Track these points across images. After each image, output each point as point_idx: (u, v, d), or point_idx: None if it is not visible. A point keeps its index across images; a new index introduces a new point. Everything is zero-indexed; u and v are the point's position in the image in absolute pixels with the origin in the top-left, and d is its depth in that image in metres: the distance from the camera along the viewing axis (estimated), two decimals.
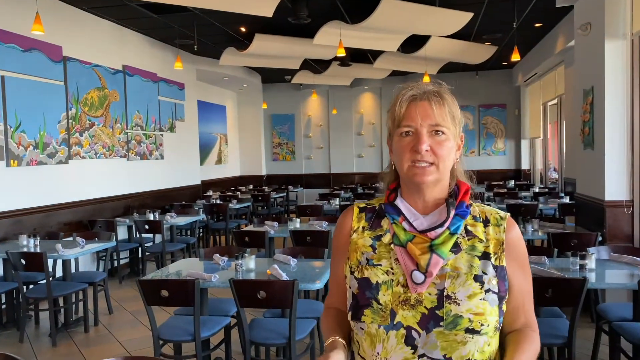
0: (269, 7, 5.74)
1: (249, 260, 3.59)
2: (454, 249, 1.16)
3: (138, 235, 6.56)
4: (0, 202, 5.32)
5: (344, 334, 1.26)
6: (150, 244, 7.04)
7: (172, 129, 8.95)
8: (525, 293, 1.22)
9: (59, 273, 5.36)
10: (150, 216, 6.72)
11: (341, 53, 6.62)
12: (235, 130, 13.42)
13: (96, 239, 5.22)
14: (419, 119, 1.15)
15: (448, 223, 1.17)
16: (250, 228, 5.71)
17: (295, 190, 12.54)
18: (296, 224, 5.64)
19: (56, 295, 4.45)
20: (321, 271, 3.52)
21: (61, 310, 4.85)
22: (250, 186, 12.42)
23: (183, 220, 6.82)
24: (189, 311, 3.34)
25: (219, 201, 8.84)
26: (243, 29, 7.94)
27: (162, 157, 8.57)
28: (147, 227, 6.31)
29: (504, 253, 1.18)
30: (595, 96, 4.93)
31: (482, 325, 1.11)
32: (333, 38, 6.94)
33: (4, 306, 4.91)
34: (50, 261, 4.78)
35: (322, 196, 9.28)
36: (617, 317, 3.32)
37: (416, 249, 1.15)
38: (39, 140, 5.80)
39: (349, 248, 1.28)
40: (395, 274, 1.17)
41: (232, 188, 11.92)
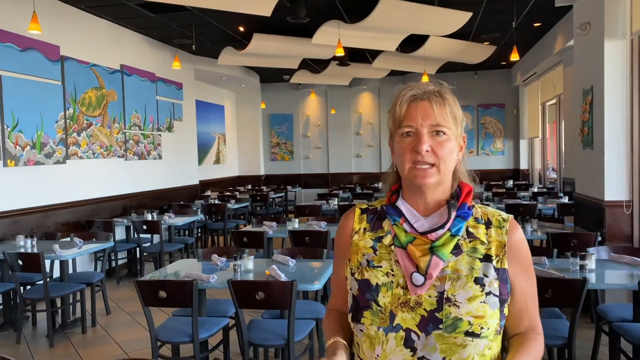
0: (268, 7, 5.72)
1: (247, 261, 3.58)
2: (455, 250, 1.15)
3: (136, 236, 6.54)
4: None
5: (345, 335, 1.25)
6: (148, 244, 7.01)
7: (170, 129, 8.92)
8: (528, 296, 1.19)
9: (56, 274, 5.33)
10: (148, 216, 6.70)
11: (340, 53, 6.60)
12: (234, 130, 13.40)
13: (94, 239, 5.20)
14: (419, 119, 1.14)
15: (449, 225, 1.15)
16: (249, 228, 5.69)
17: (294, 190, 12.52)
18: (295, 224, 5.61)
19: (53, 296, 4.43)
20: (320, 272, 3.50)
21: (58, 311, 4.82)
22: (249, 186, 12.40)
23: (181, 220, 6.80)
24: (187, 312, 3.32)
25: (217, 201, 8.83)
26: (241, 29, 7.92)
27: (160, 157, 8.55)
28: (145, 228, 6.28)
29: (506, 255, 1.16)
30: (595, 96, 4.92)
31: (482, 328, 1.09)
32: (332, 37, 6.92)
33: (0, 307, 4.89)
34: (47, 262, 4.77)
35: (321, 196, 9.26)
36: (617, 318, 3.31)
37: (416, 251, 1.14)
38: (36, 140, 5.77)
39: (350, 249, 1.27)
40: (395, 275, 1.16)
41: (231, 188, 11.90)
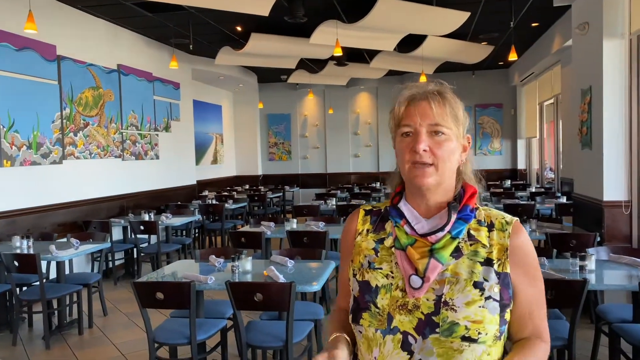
0: (265, 6, 5.70)
1: (245, 262, 3.55)
2: (455, 253, 1.13)
3: (133, 236, 6.51)
4: None
5: (349, 334, 1.24)
6: (146, 244, 6.97)
7: (168, 129, 8.89)
8: (533, 301, 1.16)
9: (52, 274, 5.29)
10: (146, 217, 6.66)
11: (338, 52, 6.58)
12: (231, 130, 13.37)
13: (90, 240, 5.17)
14: (418, 118, 1.13)
15: (449, 227, 1.13)
16: (247, 229, 5.66)
17: (292, 190, 12.51)
18: (293, 224, 5.58)
19: (50, 297, 4.40)
20: (318, 273, 3.48)
21: (55, 312, 4.79)
22: (246, 186, 12.36)
23: (178, 220, 6.78)
24: (185, 313, 3.30)
25: (214, 201, 8.79)
26: (239, 28, 7.89)
27: (158, 157, 8.51)
28: (143, 228, 6.25)
29: (508, 259, 1.13)
30: (594, 96, 4.91)
31: (480, 333, 1.07)
32: (329, 37, 6.90)
33: None
34: (43, 263, 4.72)
35: (319, 196, 9.24)
36: (617, 319, 3.30)
37: (415, 253, 1.12)
38: (33, 140, 5.74)
39: (353, 250, 1.27)
40: (394, 277, 1.15)
41: (228, 188, 11.86)
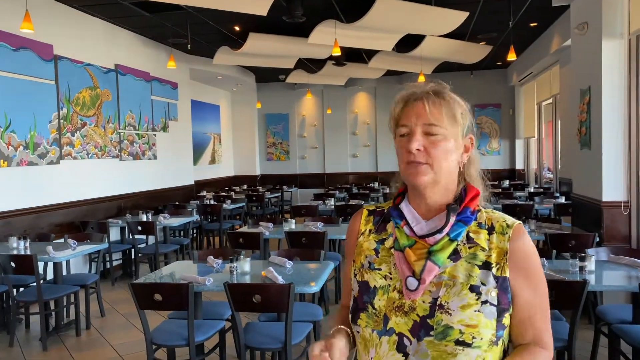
0: (264, 6, 5.68)
1: (243, 263, 3.53)
2: (453, 256, 1.11)
3: (131, 237, 6.47)
4: None
5: (350, 329, 1.24)
6: (143, 245, 6.95)
7: (165, 129, 8.86)
8: (534, 307, 1.12)
9: (50, 275, 5.26)
10: (143, 217, 6.64)
11: (337, 52, 6.56)
12: (229, 130, 13.34)
13: (88, 240, 5.14)
14: (413, 118, 1.13)
15: (447, 229, 1.12)
16: (245, 229, 5.64)
17: (290, 190, 12.49)
18: (291, 224, 5.56)
19: (47, 299, 4.37)
20: (317, 274, 3.46)
21: (52, 313, 4.76)
22: (244, 186, 12.35)
23: (176, 221, 6.75)
24: (183, 315, 3.28)
25: (212, 201, 8.77)
26: (237, 28, 7.87)
27: (155, 157, 8.48)
28: (140, 228, 6.22)
29: (508, 263, 1.10)
30: (593, 96, 4.90)
31: (474, 338, 1.05)
32: (328, 37, 6.88)
33: None
34: (40, 263, 4.71)
35: (317, 196, 9.23)
36: (617, 320, 3.30)
37: (412, 255, 1.12)
38: (30, 140, 5.71)
39: (355, 250, 1.27)
40: (392, 279, 1.14)
41: (226, 188, 11.84)
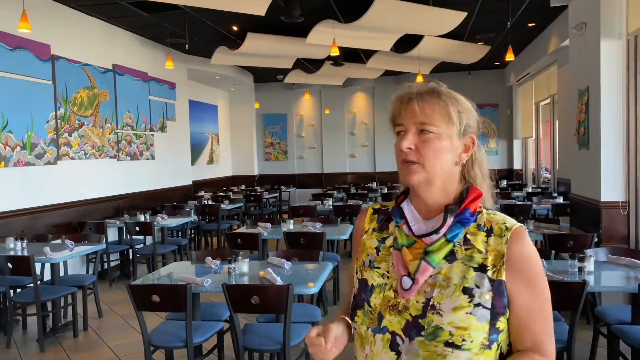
0: (262, 6, 5.67)
1: (242, 264, 3.52)
2: (449, 257, 1.11)
3: (128, 237, 6.46)
4: None
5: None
6: (141, 245, 6.93)
7: (163, 129, 8.84)
8: (532, 313, 1.10)
9: (47, 276, 5.25)
10: (141, 217, 6.61)
11: (335, 52, 6.55)
12: (227, 130, 13.32)
13: (85, 241, 5.12)
14: (407, 117, 1.14)
15: (444, 230, 1.11)
16: (243, 230, 5.63)
17: (288, 190, 12.47)
18: (289, 225, 5.55)
19: (44, 300, 4.35)
20: (316, 274, 3.45)
21: (49, 314, 4.74)
22: (242, 186, 12.33)
23: (174, 221, 6.73)
24: (181, 316, 3.27)
25: (210, 202, 8.75)
26: (235, 28, 7.86)
27: (153, 158, 8.46)
28: (138, 229, 6.21)
29: (505, 267, 1.08)
30: (591, 96, 4.90)
31: (465, 340, 1.04)
32: (326, 37, 6.87)
33: None
34: (38, 264, 4.69)
35: (315, 196, 9.21)
36: (616, 320, 3.29)
37: (408, 254, 1.12)
38: (27, 140, 5.68)
39: (359, 248, 1.28)
40: (390, 278, 1.15)
41: (224, 188, 11.82)
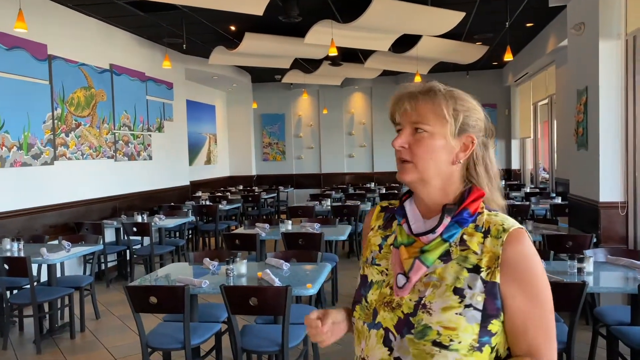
0: (260, 6, 5.65)
1: (240, 265, 3.50)
2: (444, 257, 1.10)
3: (126, 238, 6.43)
4: None
5: None
6: (139, 246, 6.90)
7: (161, 129, 8.81)
8: (527, 318, 1.05)
9: (44, 277, 5.21)
10: (139, 218, 6.59)
11: (333, 52, 6.54)
12: (225, 130, 13.30)
13: (82, 242, 5.09)
14: (402, 116, 1.15)
15: (440, 229, 1.10)
16: (241, 230, 5.61)
17: (286, 190, 12.45)
18: (288, 226, 5.52)
19: (41, 301, 4.32)
20: (314, 275, 3.43)
21: (46, 316, 4.72)
22: (240, 187, 12.30)
23: (172, 222, 6.71)
24: (179, 317, 3.24)
25: (208, 202, 8.73)
26: (233, 28, 7.83)
27: (151, 158, 8.43)
28: (135, 230, 6.18)
29: (499, 269, 1.05)
30: (590, 97, 4.90)
31: (452, 340, 1.03)
32: (324, 37, 6.85)
33: None
34: (34, 265, 4.65)
35: (313, 197, 9.20)
36: (615, 321, 3.28)
37: (405, 253, 1.13)
38: (23, 141, 5.65)
39: (366, 245, 1.30)
40: (388, 275, 1.16)
41: (222, 189, 11.80)
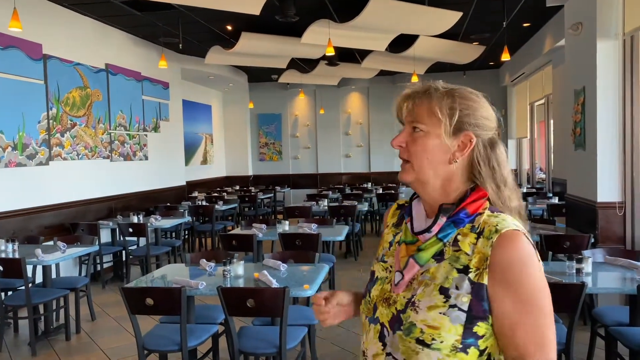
0: (256, 5, 5.62)
1: (237, 266, 3.47)
2: (438, 257, 1.10)
3: (122, 239, 6.38)
4: None
5: None
6: (135, 247, 6.85)
7: (157, 129, 8.77)
8: (514, 322, 1.02)
9: (39, 279, 5.17)
10: (135, 218, 6.54)
11: (330, 52, 6.52)
12: (221, 130, 13.26)
13: (78, 243, 5.05)
14: (401, 117, 1.18)
15: (436, 229, 1.11)
16: (238, 231, 5.58)
17: (283, 190, 12.42)
18: (285, 226, 5.49)
19: (36, 303, 4.29)
20: (312, 276, 3.41)
21: (41, 317, 4.67)
22: (237, 187, 12.26)
23: (168, 222, 6.67)
24: (175, 319, 3.21)
25: (204, 202, 8.69)
26: (229, 27, 7.80)
27: (146, 158, 8.39)
28: (131, 230, 6.13)
29: (487, 270, 1.03)
30: (587, 97, 4.89)
31: (434, 340, 1.03)
32: (321, 37, 6.84)
33: None
34: (29, 267, 4.62)
35: (310, 197, 9.17)
36: (613, 322, 3.28)
37: (402, 251, 1.16)
38: (18, 141, 5.60)
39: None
40: (391, 272, 1.19)
41: (218, 189, 11.75)
